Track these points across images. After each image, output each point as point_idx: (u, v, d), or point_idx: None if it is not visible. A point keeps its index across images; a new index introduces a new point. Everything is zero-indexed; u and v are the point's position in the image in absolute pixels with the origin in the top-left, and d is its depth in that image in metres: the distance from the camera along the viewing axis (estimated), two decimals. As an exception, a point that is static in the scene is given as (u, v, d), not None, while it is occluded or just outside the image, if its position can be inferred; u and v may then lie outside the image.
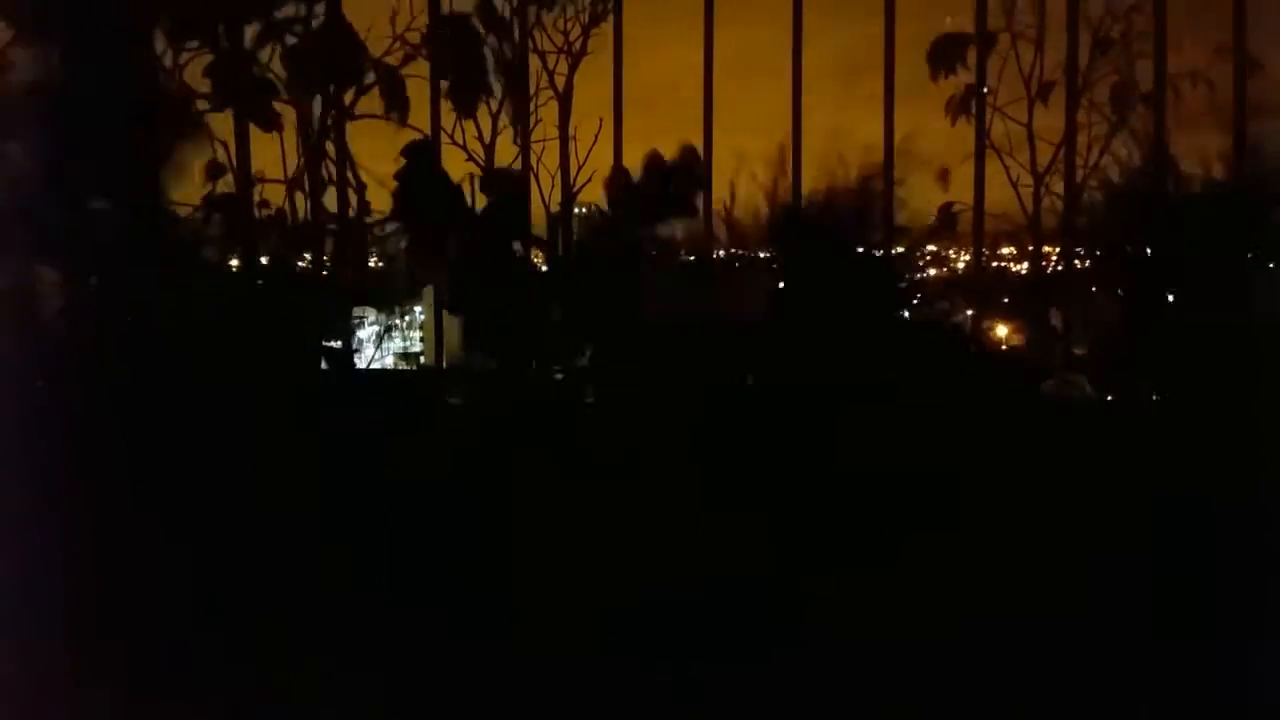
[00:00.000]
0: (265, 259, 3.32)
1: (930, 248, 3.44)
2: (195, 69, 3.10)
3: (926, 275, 3.37)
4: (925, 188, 3.25)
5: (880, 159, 3.00)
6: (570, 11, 3.48)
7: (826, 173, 2.71)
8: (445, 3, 3.36)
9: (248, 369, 3.01)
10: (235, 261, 3.28)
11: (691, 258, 2.96)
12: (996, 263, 3.57)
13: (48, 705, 1.91)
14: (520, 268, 3.13)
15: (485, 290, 2.99)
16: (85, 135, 2.87)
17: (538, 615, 2.21)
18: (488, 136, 3.42)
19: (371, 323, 3.55)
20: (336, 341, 3.37)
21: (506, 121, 3.45)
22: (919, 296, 3.16)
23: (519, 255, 3.22)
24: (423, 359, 3.68)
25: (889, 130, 3.31)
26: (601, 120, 3.48)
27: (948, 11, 3.39)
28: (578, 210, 3.59)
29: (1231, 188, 2.77)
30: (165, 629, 2.17)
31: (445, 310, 3.42)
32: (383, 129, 3.29)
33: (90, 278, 2.98)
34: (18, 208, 2.81)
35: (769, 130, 3.10)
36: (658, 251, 3.21)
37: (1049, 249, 3.43)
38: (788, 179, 3.06)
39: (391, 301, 3.57)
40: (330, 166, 3.35)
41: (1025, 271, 3.50)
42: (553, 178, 3.54)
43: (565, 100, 3.53)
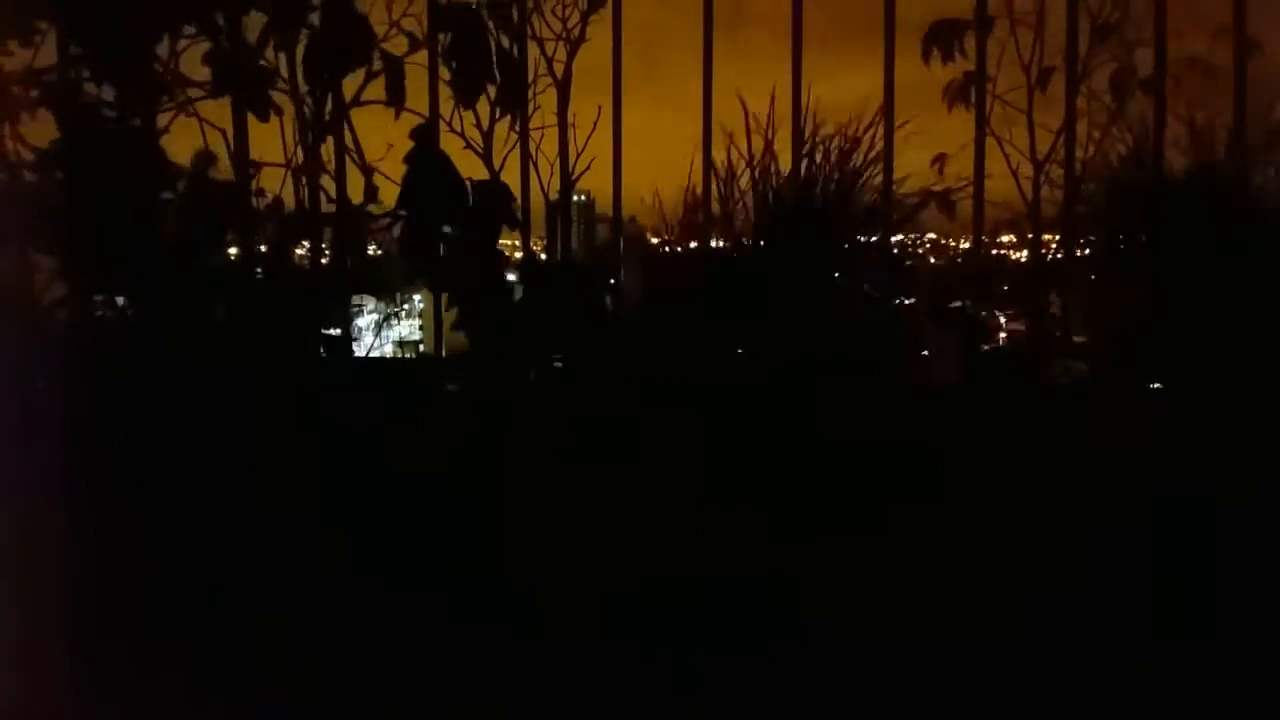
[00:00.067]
0: (264, 247, 3.32)
1: (930, 235, 3.43)
2: (192, 55, 3.09)
3: (926, 261, 3.36)
4: (924, 174, 3.24)
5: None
6: (568, -2, 3.47)
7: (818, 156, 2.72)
8: (443, -10, 3.33)
9: (246, 356, 3.02)
10: (234, 250, 3.28)
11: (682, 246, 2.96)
12: (996, 250, 3.55)
13: (48, 705, 1.93)
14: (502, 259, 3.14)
15: (475, 279, 3.00)
16: (83, 124, 2.89)
17: (536, 584, 2.24)
18: (485, 124, 3.41)
19: (371, 311, 3.56)
20: (335, 330, 3.38)
21: (505, 110, 3.44)
22: (918, 283, 3.14)
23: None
24: (422, 347, 3.68)
25: (889, 125, 3.29)
26: (600, 108, 3.47)
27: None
28: (576, 198, 3.59)
29: (1231, 172, 2.76)
30: (169, 615, 2.19)
31: (436, 296, 3.42)
32: (374, 120, 3.28)
33: (89, 267, 2.99)
34: (15, 195, 2.83)
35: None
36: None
37: (1049, 236, 3.41)
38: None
39: (390, 289, 3.57)
40: (330, 153, 3.35)
41: (1025, 259, 3.48)
42: (552, 165, 3.54)
43: (564, 88, 3.52)
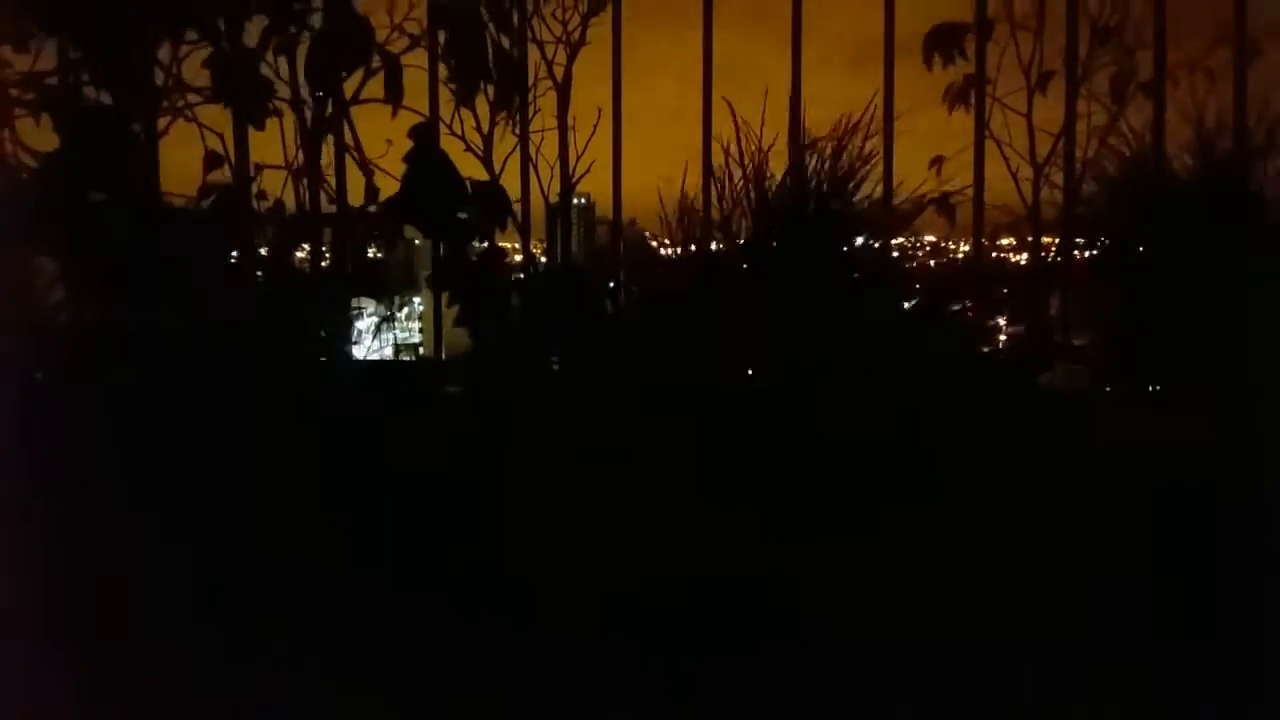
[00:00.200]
0: (264, 250, 3.33)
1: (929, 238, 3.43)
2: (193, 61, 3.10)
3: (926, 264, 3.36)
4: (922, 177, 3.24)
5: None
6: (569, 1, 3.47)
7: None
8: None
9: (246, 359, 3.02)
10: (234, 253, 3.29)
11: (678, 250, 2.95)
12: (996, 253, 3.55)
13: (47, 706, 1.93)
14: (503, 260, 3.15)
15: (474, 279, 3.01)
16: (83, 125, 2.89)
17: (535, 583, 2.25)
18: (485, 127, 3.42)
19: (370, 313, 3.56)
20: (335, 332, 3.38)
21: (505, 112, 3.44)
22: (917, 285, 3.14)
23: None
24: (422, 350, 3.69)
25: (888, 120, 3.29)
26: (600, 110, 3.48)
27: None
28: (576, 200, 3.59)
29: (1230, 175, 2.75)
30: (168, 611, 2.20)
31: (435, 297, 3.42)
32: (373, 122, 3.28)
33: (89, 270, 3.00)
34: (15, 199, 2.83)
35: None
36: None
37: (1048, 239, 3.41)
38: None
39: (390, 291, 3.58)
40: (330, 155, 3.36)
41: (1024, 262, 3.48)
42: (552, 168, 3.54)
43: (564, 90, 3.52)
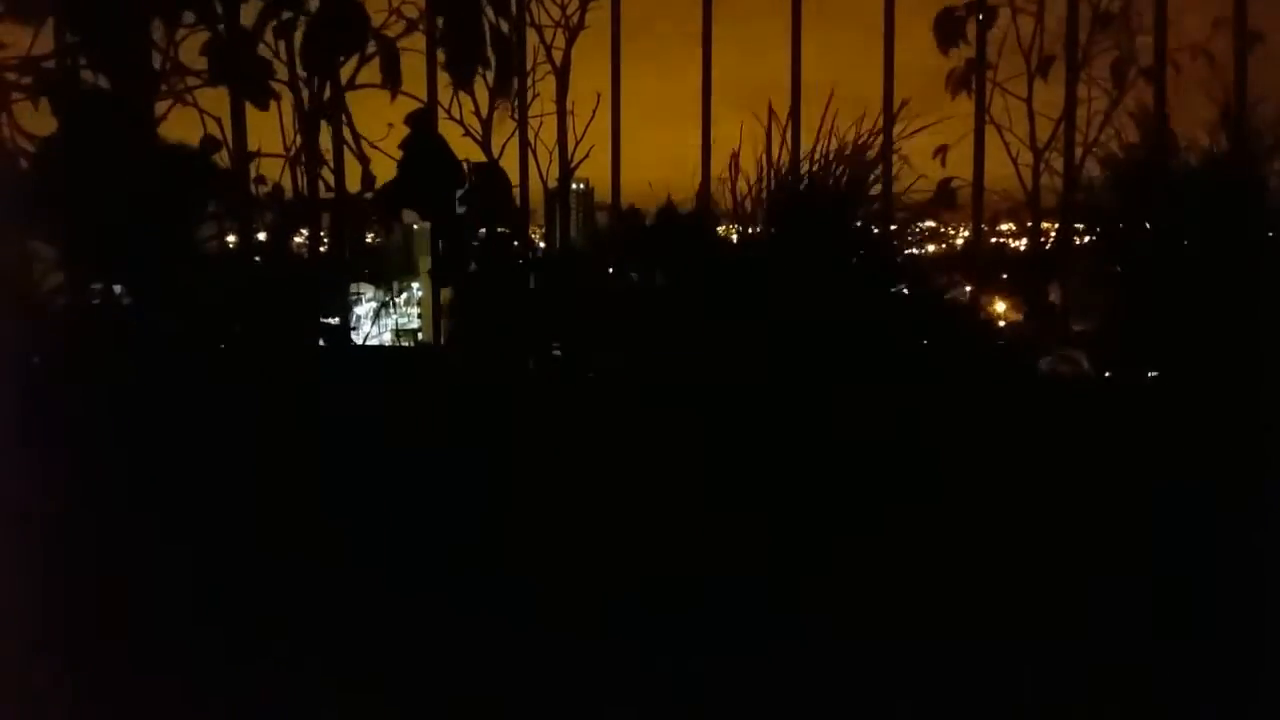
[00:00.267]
0: (263, 235, 3.33)
1: (928, 223, 3.42)
2: (191, 45, 3.08)
3: (924, 250, 3.35)
4: (925, 164, 3.23)
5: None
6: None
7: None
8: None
9: (244, 344, 3.02)
10: (232, 238, 3.29)
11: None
12: (995, 238, 3.54)
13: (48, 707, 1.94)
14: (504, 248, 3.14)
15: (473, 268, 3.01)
16: (81, 112, 2.88)
17: (535, 580, 2.25)
18: (484, 111, 3.41)
19: (369, 299, 3.56)
20: (334, 318, 3.38)
21: (503, 96, 3.43)
22: (916, 272, 3.13)
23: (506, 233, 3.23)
24: (420, 335, 3.68)
25: (889, 110, 3.28)
26: (599, 95, 3.46)
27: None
28: (575, 186, 3.58)
29: (1232, 162, 2.75)
30: (169, 596, 2.21)
31: (434, 283, 3.42)
32: (372, 107, 3.27)
33: (87, 253, 3.00)
34: (13, 183, 2.82)
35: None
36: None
37: (1048, 225, 3.40)
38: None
39: (389, 277, 3.58)
40: (328, 140, 3.35)
41: (1024, 247, 3.47)
42: (550, 153, 3.53)
43: (563, 75, 3.51)
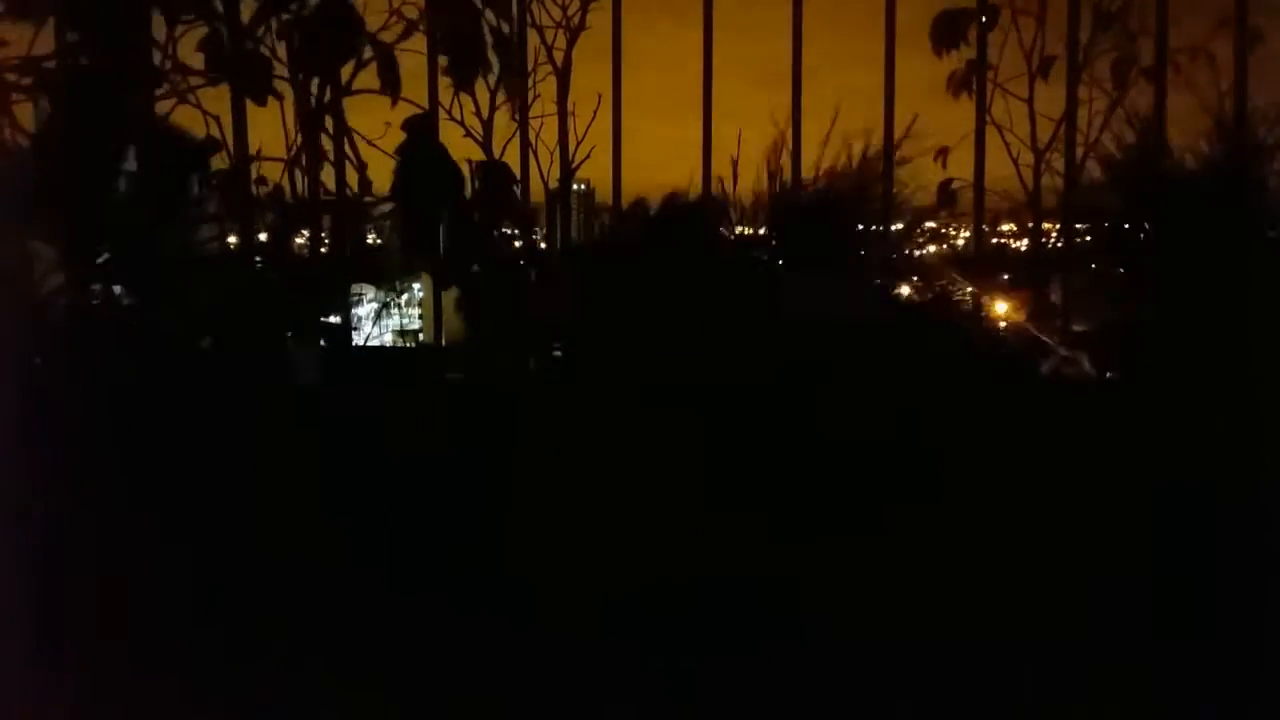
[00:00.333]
0: (263, 235, 3.33)
1: (929, 224, 3.42)
2: (189, 43, 3.08)
3: (926, 251, 3.34)
4: (924, 165, 3.23)
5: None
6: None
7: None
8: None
9: (246, 344, 3.02)
10: (233, 238, 3.29)
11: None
12: (997, 239, 3.54)
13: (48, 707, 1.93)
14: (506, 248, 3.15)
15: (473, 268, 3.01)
16: (80, 110, 2.88)
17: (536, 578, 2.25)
18: (485, 112, 3.41)
19: (370, 300, 3.56)
20: (335, 318, 3.39)
21: (504, 97, 3.43)
22: (917, 274, 3.13)
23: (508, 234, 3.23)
24: (421, 336, 3.68)
25: (889, 113, 3.29)
26: (600, 96, 3.46)
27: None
28: (576, 186, 3.58)
29: (1232, 162, 2.74)
30: (169, 589, 2.20)
31: (435, 284, 3.42)
32: (373, 109, 3.27)
33: (89, 253, 2.99)
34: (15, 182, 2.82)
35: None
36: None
37: (1049, 225, 3.40)
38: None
39: (390, 278, 3.58)
40: (329, 142, 3.35)
41: (1025, 248, 3.47)
42: (551, 154, 3.53)
43: (564, 75, 3.51)
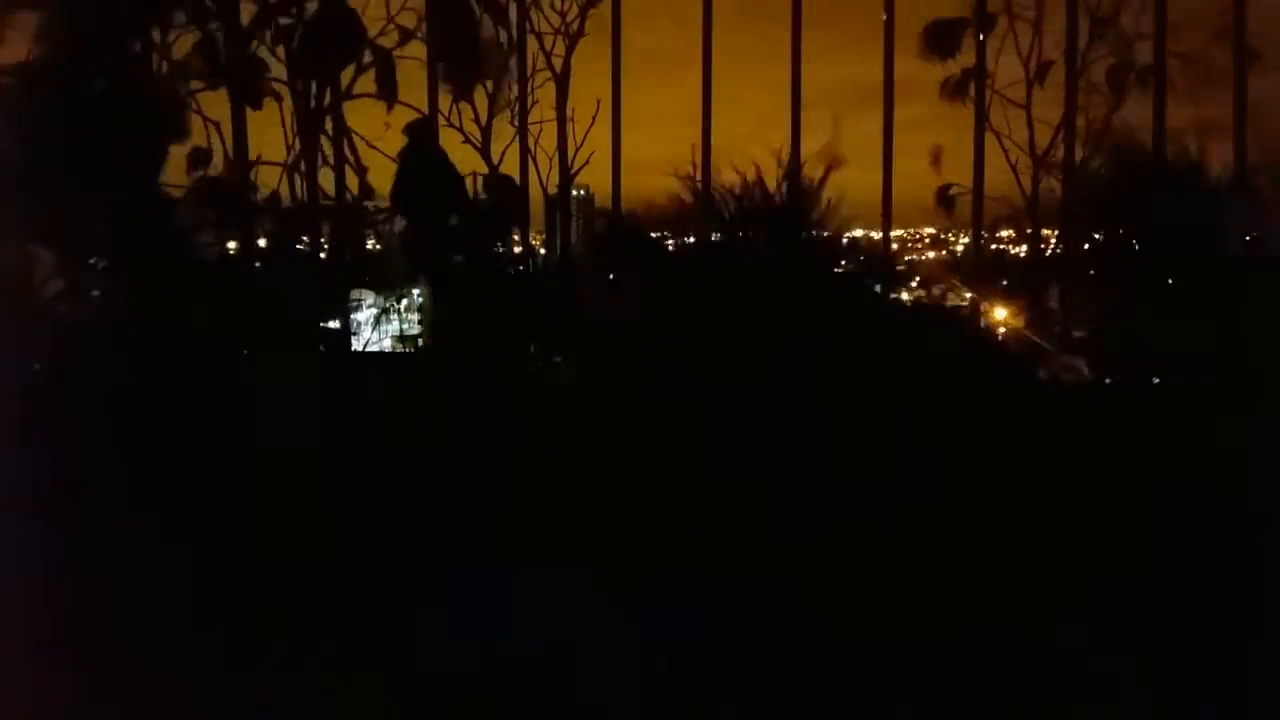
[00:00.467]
0: (263, 241, 3.32)
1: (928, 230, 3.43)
2: (185, 47, 3.08)
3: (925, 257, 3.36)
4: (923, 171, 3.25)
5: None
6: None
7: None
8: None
9: (245, 350, 3.02)
10: (232, 244, 3.28)
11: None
12: (995, 245, 3.55)
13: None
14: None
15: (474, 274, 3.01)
16: (79, 116, 2.88)
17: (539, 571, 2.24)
18: (484, 119, 3.41)
19: (369, 305, 3.55)
20: (334, 323, 3.38)
21: (503, 103, 3.44)
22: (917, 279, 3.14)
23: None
24: (420, 341, 3.67)
25: (888, 118, 3.30)
26: (599, 102, 3.47)
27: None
28: (575, 192, 3.58)
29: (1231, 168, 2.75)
30: (175, 612, 2.19)
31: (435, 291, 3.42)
32: (372, 118, 3.28)
33: (88, 260, 2.99)
34: (14, 190, 2.82)
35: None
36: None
37: (1047, 231, 3.40)
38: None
39: (389, 284, 3.56)
40: (329, 147, 3.35)
41: (1024, 254, 3.48)
42: (550, 160, 3.53)
43: (563, 82, 3.51)
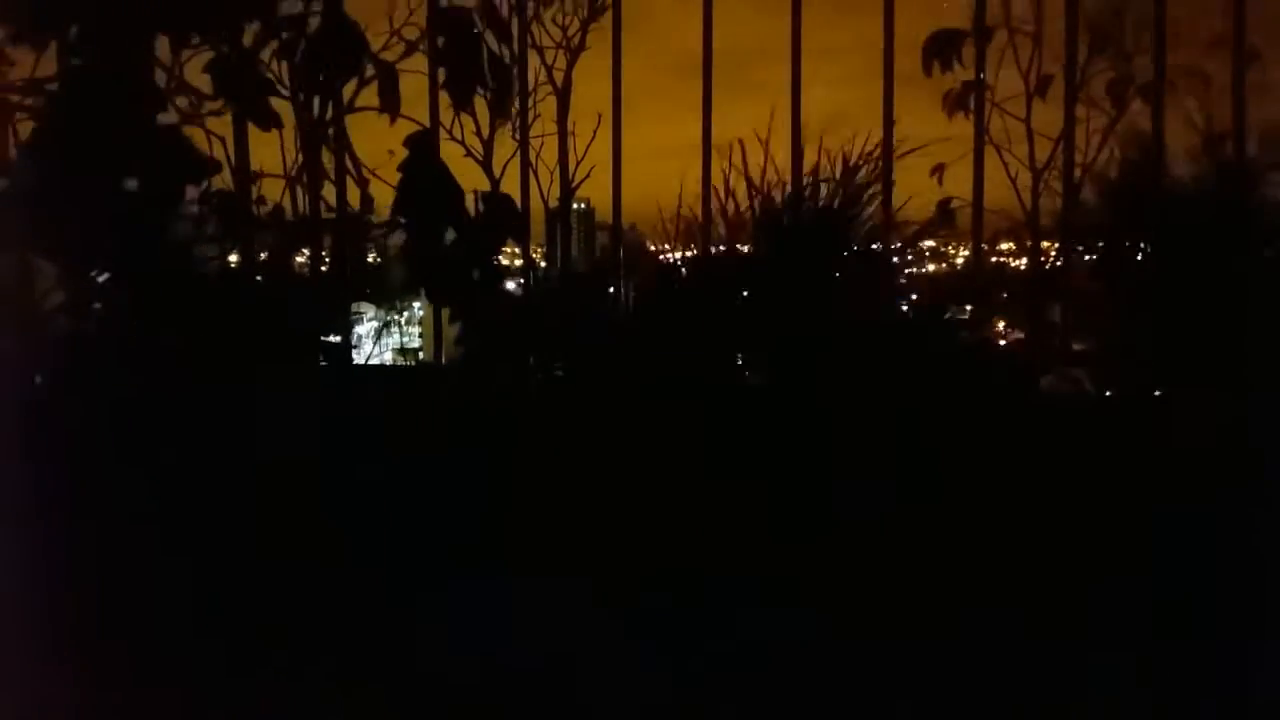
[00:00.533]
0: (264, 255, 3.33)
1: (929, 243, 3.43)
2: (194, 66, 3.10)
3: (925, 269, 3.36)
4: (922, 184, 3.25)
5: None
6: (569, 6, 3.48)
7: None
8: (443, -2, 3.35)
9: (246, 363, 3.02)
10: (234, 257, 3.29)
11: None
12: (995, 258, 3.55)
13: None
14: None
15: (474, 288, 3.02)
16: (84, 131, 2.90)
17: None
18: (485, 132, 3.43)
19: (370, 318, 3.56)
20: (335, 337, 3.39)
21: (504, 116, 3.45)
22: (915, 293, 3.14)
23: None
24: (421, 355, 3.69)
25: (888, 126, 3.30)
26: (600, 116, 3.48)
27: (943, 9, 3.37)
28: (576, 205, 3.59)
29: (1229, 178, 2.75)
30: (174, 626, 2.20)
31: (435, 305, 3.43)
32: (374, 132, 3.29)
33: (90, 272, 3.00)
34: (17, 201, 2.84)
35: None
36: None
37: (1048, 244, 3.40)
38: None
39: (390, 297, 3.58)
40: (330, 161, 3.36)
41: (1024, 267, 3.48)
42: (551, 173, 3.55)
43: (564, 96, 3.53)
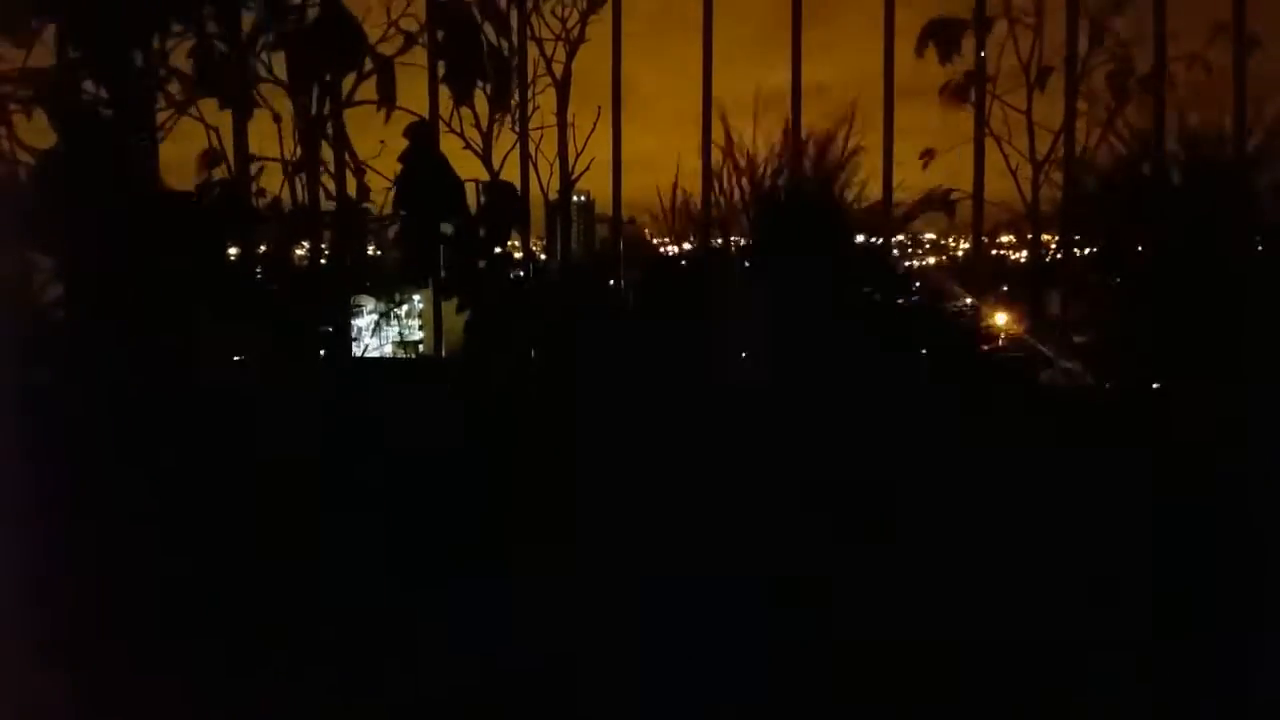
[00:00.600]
0: (263, 246, 3.33)
1: (929, 235, 3.43)
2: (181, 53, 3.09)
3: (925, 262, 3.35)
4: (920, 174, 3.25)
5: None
6: (568, -2, 3.48)
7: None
8: (441, -11, 3.34)
9: (245, 354, 3.02)
10: (233, 250, 3.29)
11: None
12: (995, 250, 3.54)
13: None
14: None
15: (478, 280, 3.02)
16: (79, 122, 2.89)
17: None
18: (484, 124, 3.42)
19: (370, 311, 3.56)
20: (334, 328, 3.38)
21: (504, 108, 3.44)
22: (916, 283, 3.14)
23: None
24: (422, 347, 3.68)
25: (889, 117, 3.30)
26: (600, 108, 3.47)
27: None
28: (576, 198, 3.59)
29: (1230, 170, 2.75)
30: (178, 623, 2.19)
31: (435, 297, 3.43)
32: (373, 124, 3.28)
33: (86, 265, 2.99)
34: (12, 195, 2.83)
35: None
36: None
37: (1048, 236, 3.40)
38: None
39: (392, 289, 3.57)
40: (329, 153, 3.35)
41: (1024, 259, 3.48)
42: (551, 165, 3.54)
43: (563, 88, 3.52)
